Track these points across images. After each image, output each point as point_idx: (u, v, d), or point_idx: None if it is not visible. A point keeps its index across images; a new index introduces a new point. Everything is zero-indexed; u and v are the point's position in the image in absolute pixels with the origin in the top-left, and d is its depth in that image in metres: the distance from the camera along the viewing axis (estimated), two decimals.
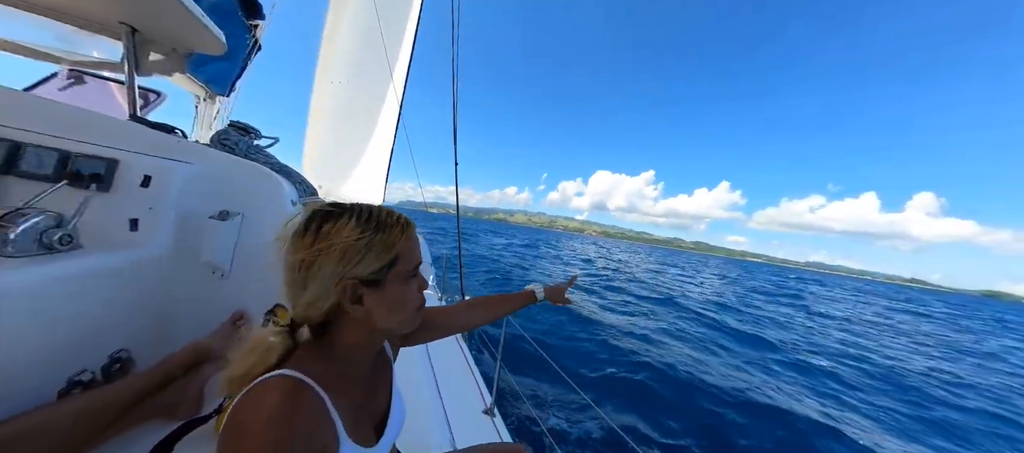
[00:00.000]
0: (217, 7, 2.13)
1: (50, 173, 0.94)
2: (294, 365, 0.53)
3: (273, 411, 0.45)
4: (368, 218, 0.57)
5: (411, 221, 0.64)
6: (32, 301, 0.70)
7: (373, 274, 0.56)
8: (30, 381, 0.71)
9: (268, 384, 0.48)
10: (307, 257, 0.53)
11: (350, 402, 0.59)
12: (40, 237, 0.75)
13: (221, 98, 2.77)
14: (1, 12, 1.28)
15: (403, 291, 0.61)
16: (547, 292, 1.14)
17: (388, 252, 0.57)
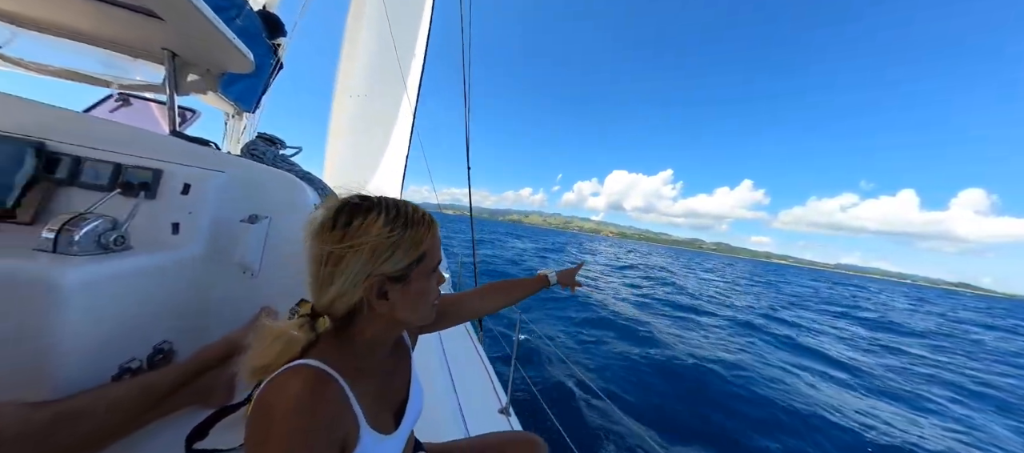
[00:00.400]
0: (244, 30, 2.28)
1: (106, 183, 1.05)
2: (316, 355, 0.53)
3: (297, 400, 0.46)
4: (396, 214, 0.58)
5: (434, 218, 0.65)
6: (92, 295, 0.79)
7: (400, 271, 0.57)
8: (90, 365, 0.80)
9: (292, 373, 0.49)
10: (336, 251, 0.54)
11: (370, 390, 0.61)
12: (98, 239, 0.85)
13: (247, 114, 2.95)
14: (63, 44, 1.45)
15: (426, 286, 0.62)
16: (559, 276, 1.14)
17: (416, 249, 0.58)
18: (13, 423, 0.56)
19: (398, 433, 0.65)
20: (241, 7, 1.94)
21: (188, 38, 1.27)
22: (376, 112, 4.81)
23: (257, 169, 1.33)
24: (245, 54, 1.30)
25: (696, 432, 4.34)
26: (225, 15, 1.81)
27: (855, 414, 5.56)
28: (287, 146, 1.56)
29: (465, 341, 2.66)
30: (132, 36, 1.33)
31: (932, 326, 18.91)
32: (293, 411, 0.45)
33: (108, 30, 1.33)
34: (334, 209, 0.58)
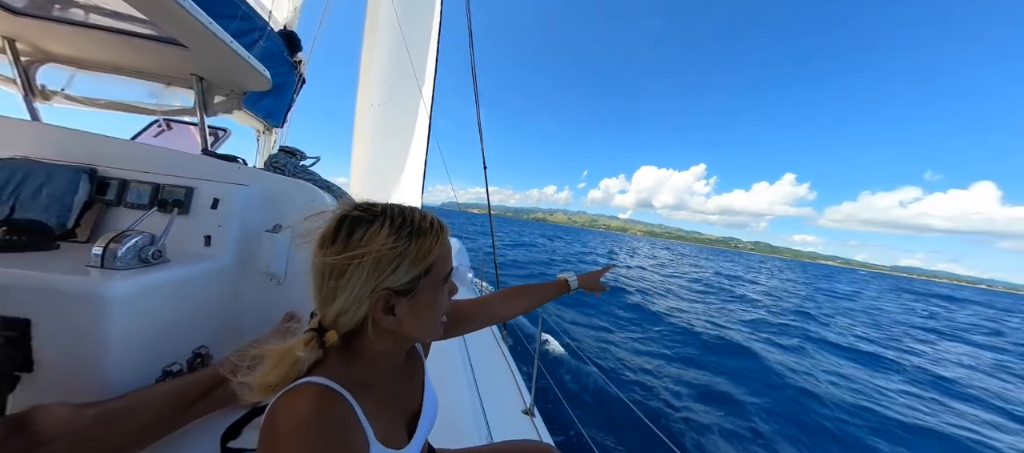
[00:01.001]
0: (266, 51, 2.42)
1: (147, 202, 1.15)
2: (324, 371, 0.52)
3: (303, 419, 0.45)
4: (402, 224, 0.54)
5: (445, 224, 0.60)
6: (134, 305, 0.87)
7: (407, 284, 0.54)
8: (137, 369, 0.88)
9: (298, 391, 0.48)
10: (338, 264, 0.51)
11: (380, 404, 0.58)
12: (139, 253, 0.93)
13: (276, 129, 3.14)
14: (111, 80, 1.61)
15: (435, 298, 0.58)
16: (581, 280, 1.11)
17: (424, 260, 0.55)
18: (62, 423, 0.62)
19: (410, 446, 0.63)
20: (263, 29, 2.06)
21: (211, 62, 1.36)
22: (395, 117, 4.96)
23: (279, 181, 1.40)
24: (262, 73, 1.38)
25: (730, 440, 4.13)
26: (248, 38, 1.92)
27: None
28: (306, 156, 1.63)
29: (489, 341, 2.68)
30: (165, 65, 1.45)
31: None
32: (300, 431, 0.44)
33: (145, 62, 1.46)
34: (336, 220, 0.55)
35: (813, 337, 10.27)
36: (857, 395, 6.19)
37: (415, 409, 0.70)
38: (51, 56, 1.51)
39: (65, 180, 1.12)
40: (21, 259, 0.90)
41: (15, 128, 1.25)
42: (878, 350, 10.07)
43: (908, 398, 6.61)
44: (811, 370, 7.10)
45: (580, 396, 4.58)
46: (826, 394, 5.92)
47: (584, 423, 2.15)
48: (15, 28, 1.36)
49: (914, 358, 9.89)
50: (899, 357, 9.67)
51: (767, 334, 9.64)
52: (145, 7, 1.04)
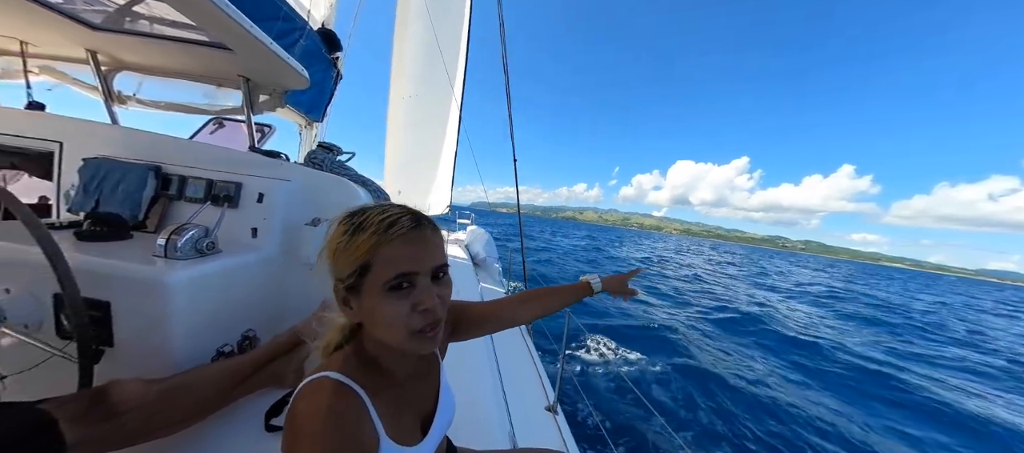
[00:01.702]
0: (307, 50, 2.54)
1: (202, 196, 1.26)
2: (340, 365, 0.56)
3: (319, 411, 0.49)
4: (352, 219, 0.56)
5: (401, 224, 0.54)
6: (192, 291, 0.96)
7: (346, 278, 0.54)
8: (194, 349, 0.97)
9: (316, 384, 0.53)
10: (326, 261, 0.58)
11: (392, 402, 0.60)
12: (195, 244, 1.02)
13: (317, 124, 3.32)
14: (172, 83, 1.77)
15: (379, 304, 0.53)
16: (605, 283, 1.05)
17: (354, 257, 0.52)
18: (134, 397, 0.70)
19: (424, 444, 0.65)
20: (303, 29, 2.16)
21: (255, 64, 1.44)
22: (426, 112, 5.05)
23: (317, 176, 1.48)
24: (301, 72, 1.44)
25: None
26: (289, 38, 2.02)
27: None
28: (343, 152, 1.71)
29: (515, 336, 2.70)
30: (216, 69, 1.56)
31: None
32: (315, 421, 0.48)
33: (199, 66, 1.59)
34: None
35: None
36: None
37: (430, 408, 0.72)
38: (125, 65, 1.69)
39: (136, 177, 1.25)
40: (103, 248, 1.02)
41: (98, 131, 1.42)
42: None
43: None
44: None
45: (605, 396, 4.52)
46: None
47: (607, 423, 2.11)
48: (95, 42, 1.53)
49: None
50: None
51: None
52: (196, 15, 1.12)
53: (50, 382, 0.79)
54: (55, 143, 1.37)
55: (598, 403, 4.26)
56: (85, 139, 1.37)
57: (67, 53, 1.65)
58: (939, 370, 8.04)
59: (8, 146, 1.44)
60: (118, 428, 0.68)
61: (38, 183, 1.69)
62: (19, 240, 0.85)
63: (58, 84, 1.80)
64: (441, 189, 5.11)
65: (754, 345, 7.75)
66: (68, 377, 0.78)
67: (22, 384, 0.85)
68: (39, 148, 1.40)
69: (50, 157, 1.38)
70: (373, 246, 0.52)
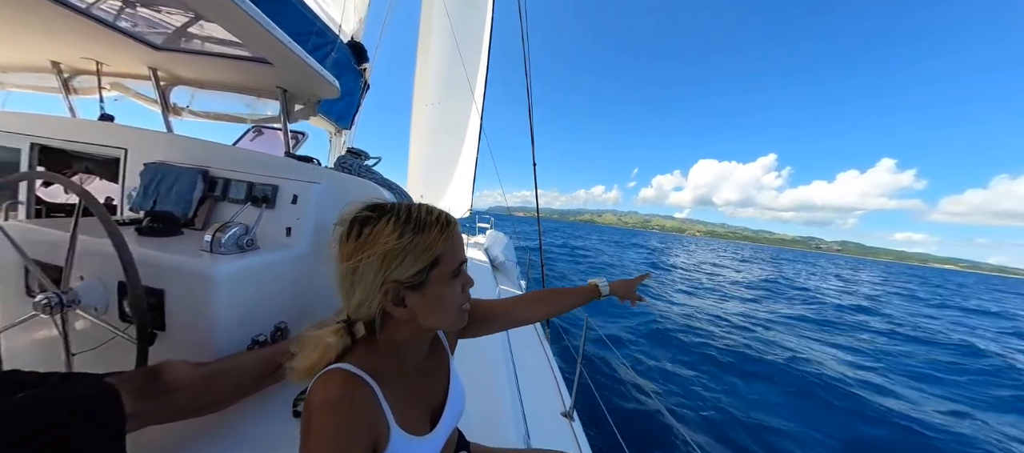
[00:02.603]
0: (337, 62, 2.71)
1: (243, 197, 1.38)
2: (352, 359, 0.58)
3: (332, 400, 0.52)
4: (407, 219, 0.57)
5: (453, 219, 0.62)
6: (233, 284, 1.05)
7: (413, 276, 0.57)
8: (233, 337, 1.06)
9: (328, 376, 0.55)
10: (352, 262, 0.56)
11: (403, 392, 0.63)
12: (237, 241, 1.12)
13: (346, 131, 3.51)
14: (218, 95, 1.94)
15: (446, 291, 0.60)
16: (613, 287, 1.05)
17: (428, 253, 0.57)
18: (183, 378, 0.78)
19: (434, 435, 0.67)
20: (334, 42, 2.30)
21: (291, 76, 1.56)
22: (448, 118, 5.20)
23: (345, 179, 1.57)
24: (332, 83, 1.55)
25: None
26: (322, 52, 2.17)
27: None
28: (370, 157, 1.80)
29: (532, 340, 2.70)
30: (256, 81, 1.71)
31: None
32: (327, 411, 0.51)
33: (241, 79, 1.75)
34: (348, 220, 0.59)
35: None
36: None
37: (440, 401, 0.73)
38: (181, 80, 1.88)
39: (188, 180, 1.38)
40: (158, 242, 1.14)
41: (156, 139, 1.58)
42: None
43: None
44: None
45: (625, 405, 4.40)
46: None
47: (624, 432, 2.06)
48: (157, 60, 1.71)
49: None
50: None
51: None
52: (242, 33, 1.23)
53: (111, 360, 0.89)
54: (121, 150, 1.54)
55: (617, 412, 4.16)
56: (146, 146, 1.53)
57: (133, 71, 1.86)
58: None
59: (84, 152, 1.63)
60: (169, 404, 0.76)
61: (106, 185, 1.90)
62: (92, 234, 0.97)
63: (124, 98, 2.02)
64: (462, 193, 5.23)
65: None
66: (124, 356, 0.88)
67: (86, 361, 0.96)
68: (108, 154, 1.58)
69: (116, 162, 1.56)
70: (441, 242, 0.58)
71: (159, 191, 1.38)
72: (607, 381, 4.94)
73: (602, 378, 4.98)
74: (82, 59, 1.76)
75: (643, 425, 3.96)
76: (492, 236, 5.51)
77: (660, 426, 3.90)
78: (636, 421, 4.05)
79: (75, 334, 0.98)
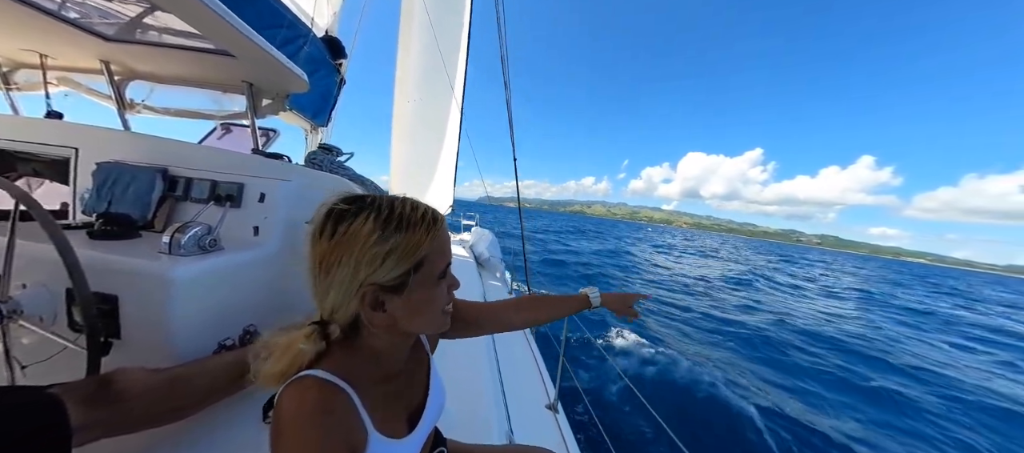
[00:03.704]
0: (311, 57, 2.62)
1: (206, 197, 1.31)
2: (326, 364, 0.54)
3: (304, 410, 0.48)
4: (388, 216, 0.53)
5: (440, 216, 0.58)
6: (195, 286, 1.00)
7: (395, 279, 0.52)
8: (196, 342, 1.01)
9: (299, 384, 0.51)
10: (326, 260, 0.52)
11: (381, 396, 0.60)
12: (198, 242, 1.07)
13: (322, 128, 3.40)
14: (181, 91, 1.84)
15: (430, 294, 0.57)
16: (605, 299, 1.02)
17: (411, 255, 0.53)
18: (138, 384, 0.74)
19: (413, 436, 0.65)
20: (306, 36, 2.22)
21: (256, 69, 1.50)
22: (429, 113, 5.13)
23: (316, 176, 1.52)
24: (300, 76, 1.49)
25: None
26: (293, 45, 2.09)
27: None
28: (342, 152, 1.75)
29: (516, 334, 2.71)
30: (221, 75, 1.63)
31: None
32: (300, 420, 0.47)
33: (205, 73, 1.66)
34: (323, 214, 0.55)
35: None
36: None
37: (419, 401, 0.72)
38: (136, 73, 1.77)
39: (145, 180, 1.31)
40: (112, 246, 1.08)
41: (111, 137, 1.49)
42: None
43: None
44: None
45: (608, 396, 4.49)
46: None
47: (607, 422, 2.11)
48: (109, 52, 1.60)
49: None
50: None
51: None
52: (199, 23, 1.17)
53: (65, 373, 0.84)
54: (71, 149, 1.44)
55: (600, 403, 4.24)
56: (99, 145, 1.44)
57: (83, 64, 1.74)
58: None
59: (29, 153, 1.52)
60: (123, 413, 0.71)
61: (58, 188, 1.78)
62: (35, 239, 0.90)
63: (74, 93, 1.89)
64: (444, 189, 5.18)
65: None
66: (81, 369, 0.82)
67: (37, 375, 0.90)
68: (56, 155, 1.47)
69: (67, 163, 1.46)
70: (430, 240, 0.54)
71: (114, 192, 1.30)
72: (593, 374, 5.02)
73: (588, 370, 5.06)
74: (22, 51, 1.63)
75: (629, 417, 4.05)
76: (478, 233, 5.49)
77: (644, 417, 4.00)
78: (622, 413, 4.14)
79: (22, 347, 0.92)
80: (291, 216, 1.40)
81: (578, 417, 3.49)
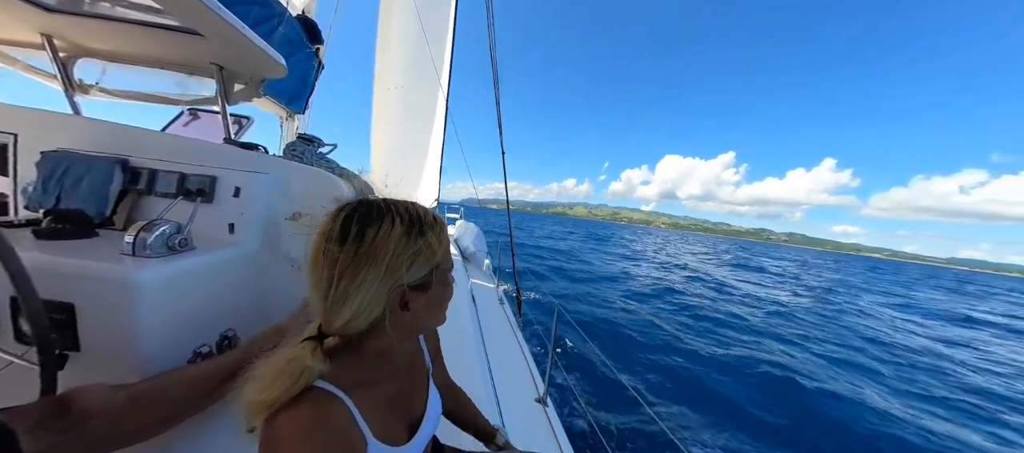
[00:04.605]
0: (287, 38, 2.44)
1: (173, 191, 1.20)
2: (321, 370, 0.51)
3: (301, 424, 0.46)
4: (412, 221, 0.55)
5: (441, 218, 0.64)
6: (164, 290, 0.91)
7: (422, 279, 0.56)
8: (168, 351, 0.92)
9: (296, 398, 0.49)
10: (351, 267, 0.50)
11: (380, 402, 0.60)
12: (166, 242, 0.97)
13: (299, 116, 3.21)
14: (141, 72, 1.66)
15: (445, 291, 0.62)
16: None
17: (434, 255, 0.57)
18: (98, 403, 0.66)
19: (412, 443, 0.65)
20: (282, 16, 2.06)
21: (227, 50, 1.37)
22: (412, 104, 4.95)
23: (297, 169, 1.42)
24: (277, 59, 1.37)
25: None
26: (268, 25, 1.93)
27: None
28: (324, 143, 1.65)
29: (504, 329, 2.70)
30: (187, 55, 1.48)
31: None
32: (296, 436, 0.45)
33: (168, 53, 1.50)
34: (342, 219, 0.53)
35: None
36: None
37: (419, 409, 0.71)
38: (86, 51, 1.58)
39: (101, 171, 1.17)
40: (65, 247, 0.96)
41: (57, 122, 1.32)
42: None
43: None
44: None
45: (596, 387, 4.59)
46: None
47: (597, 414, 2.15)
48: (51, 24, 1.42)
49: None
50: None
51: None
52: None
53: (15, 393, 0.74)
54: (9, 135, 1.28)
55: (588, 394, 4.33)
56: (43, 131, 1.28)
57: (19, 38, 1.53)
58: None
59: None
60: (83, 437, 0.64)
61: None
62: None
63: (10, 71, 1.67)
64: (428, 184, 5.05)
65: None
66: (31, 385, 0.73)
67: None
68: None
69: (4, 151, 1.29)
70: (442, 241, 0.59)
71: (63, 185, 1.16)
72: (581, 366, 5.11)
73: (576, 363, 5.14)
74: None
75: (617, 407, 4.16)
76: (462, 226, 5.41)
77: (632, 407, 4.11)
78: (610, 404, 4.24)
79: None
80: (270, 212, 1.30)
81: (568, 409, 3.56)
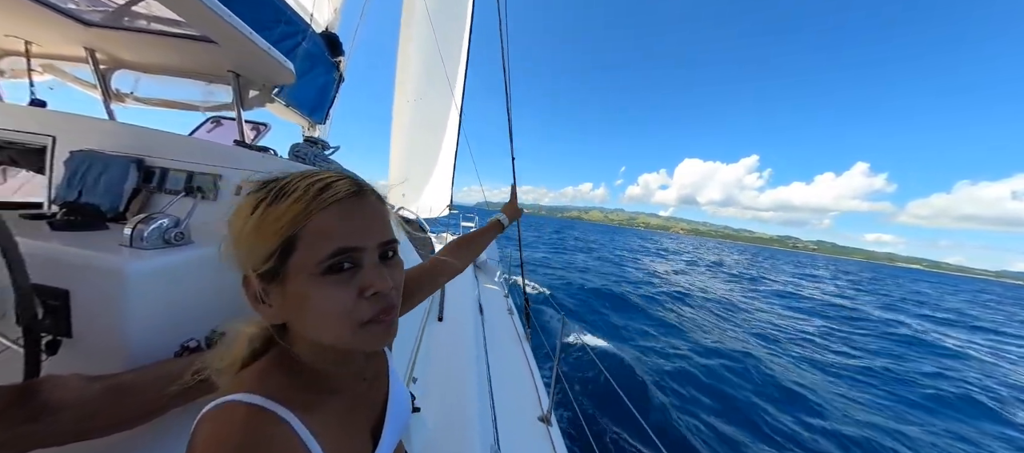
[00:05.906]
0: (309, 53, 2.58)
1: (181, 188, 1.25)
2: (256, 383, 0.44)
3: (226, 448, 0.37)
4: (270, 190, 0.44)
5: (345, 186, 0.45)
6: (155, 282, 0.93)
7: (265, 264, 0.43)
8: (154, 344, 0.93)
9: (224, 412, 0.41)
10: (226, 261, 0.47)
11: (332, 416, 0.50)
12: (163, 235, 0.99)
13: (320, 125, 3.36)
14: (168, 81, 1.80)
15: (313, 292, 0.42)
16: (505, 212, 1.28)
17: (273, 232, 0.41)
18: (70, 394, 0.65)
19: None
20: (305, 32, 2.18)
21: (240, 58, 1.44)
22: (429, 115, 5.10)
23: (299, 169, 1.46)
24: (285, 65, 1.43)
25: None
26: (292, 41, 2.04)
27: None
28: (328, 146, 1.69)
29: (511, 340, 2.61)
30: (205, 64, 1.58)
31: None
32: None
33: (191, 62, 1.61)
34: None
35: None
36: None
37: (379, 414, 0.64)
38: (122, 62, 1.73)
39: (119, 169, 1.24)
40: (73, 237, 1.01)
41: (90, 126, 1.43)
42: None
43: None
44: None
45: (602, 405, 4.35)
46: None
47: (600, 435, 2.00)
48: (93, 39, 1.56)
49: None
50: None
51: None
52: (178, 7, 1.11)
53: (12, 375, 0.76)
54: (48, 137, 1.39)
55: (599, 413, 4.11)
56: (77, 134, 1.38)
57: (67, 52, 1.70)
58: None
59: (5, 141, 1.47)
60: (50, 427, 0.63)
61: (37, 178, 1.73)
62: None
63: (60, 83, 1.86)
64: (442, 190, 5.14)
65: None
66: None
67: None
68: (33, 143, 1.42)
69: (43, 152, 1.41)
70: (299, 215, 0.41)
71: (85, 181, 1.24)
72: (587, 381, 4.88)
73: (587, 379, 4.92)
74: (7, 37, 1.59)
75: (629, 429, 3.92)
76: None
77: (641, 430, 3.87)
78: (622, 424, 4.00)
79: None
80: None
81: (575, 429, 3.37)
